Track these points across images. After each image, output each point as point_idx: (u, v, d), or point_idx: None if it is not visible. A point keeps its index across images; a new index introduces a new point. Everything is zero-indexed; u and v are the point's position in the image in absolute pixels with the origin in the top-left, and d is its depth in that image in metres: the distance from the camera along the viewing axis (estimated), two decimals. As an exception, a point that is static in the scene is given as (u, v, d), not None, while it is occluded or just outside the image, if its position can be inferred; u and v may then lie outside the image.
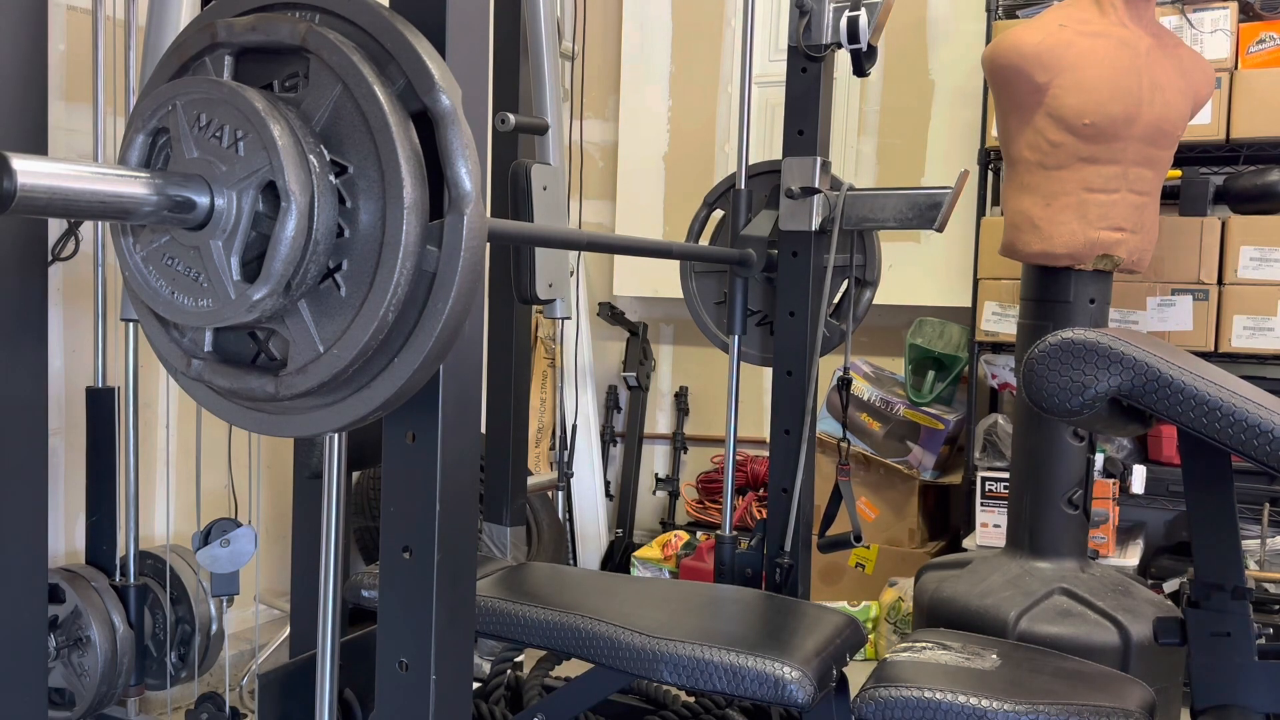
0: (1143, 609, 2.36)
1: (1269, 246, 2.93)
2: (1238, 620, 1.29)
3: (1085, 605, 2.36)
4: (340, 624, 1.28)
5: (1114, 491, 2.92)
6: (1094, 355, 1.22)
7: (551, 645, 1.59)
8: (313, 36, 0.92)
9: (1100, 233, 2.41)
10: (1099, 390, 1.22)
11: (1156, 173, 2.48)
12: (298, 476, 1.77)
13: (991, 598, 2.42)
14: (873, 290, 2.32)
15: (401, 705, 1.09)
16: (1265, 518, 2.85)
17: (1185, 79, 2.47)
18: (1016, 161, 2.49)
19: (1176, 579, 3.02)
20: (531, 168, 1.78)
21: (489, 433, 2.16)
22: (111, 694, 2.25)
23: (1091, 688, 1.40)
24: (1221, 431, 1.19)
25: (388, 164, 0.90)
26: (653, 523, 4.28)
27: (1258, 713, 1.27)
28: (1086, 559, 2.56)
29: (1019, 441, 2.61)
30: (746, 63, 2.33)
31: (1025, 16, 3.18)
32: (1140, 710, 1.36)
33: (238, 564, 2.03)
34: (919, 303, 3.67)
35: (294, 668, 1.65)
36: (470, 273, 0.92)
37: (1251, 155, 3.11)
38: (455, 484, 1.07)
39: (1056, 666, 1.49)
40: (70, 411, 2.62)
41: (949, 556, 2.81)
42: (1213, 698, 1.28)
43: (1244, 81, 3.00)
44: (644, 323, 4.28)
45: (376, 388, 0.96)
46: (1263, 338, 2.94)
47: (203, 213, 0.91)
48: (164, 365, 1.04)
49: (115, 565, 2.29)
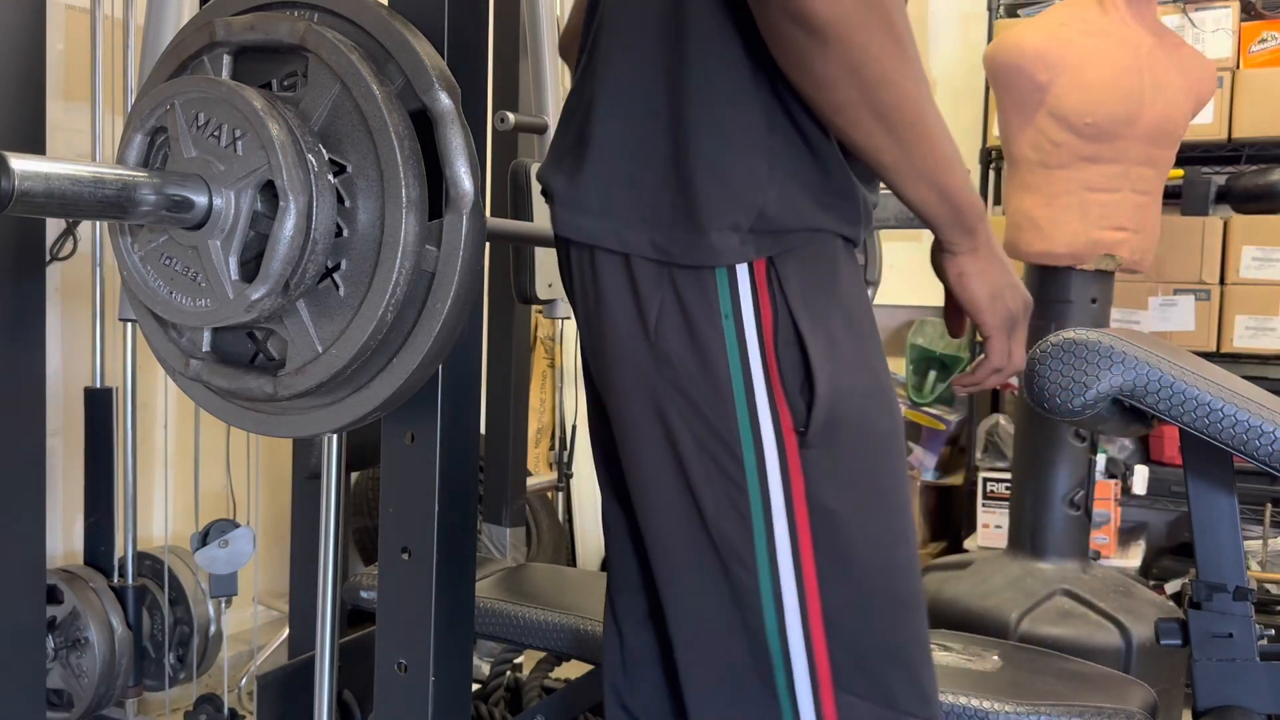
0: (1144, 610, 2.36)
1: (1271, 246, 2.93)
2: (1239, 621, 1.28)
3: (1087, 606, 2.36)
4: (339, 625, 1.28)
5: (1116, 492, 2.92)
6: (1095, 356, 1.22)
7: (551, 646, 1.59)
8: (311, 35, 0.92)
9: (1102, 232, 2.41)
10: (1100, 391, 1.22)
11: (1158, 172, 2.48)
12: (296, 477, 1.77)
13: (993, 599, 2.42)
14: (873, 290, 2.31)
15: (400, 707, 1.08)
16: (1267, 518, 2.85)
17: (1187, 78, 2.46)
18: (1018, 161, 2.48)
19: (1178, 580, 3.02)
20: (531, 167, 1.77)
21: (489, 433, 2.16)
22: (110, 695, 2.24)
23: (1093, 689, 1.40)
24: (1223, 433, 1.19)
25: (386, 163, 0.90)
26: (653, 523, 4.27)
27: (1260, 714, 1.27)
28: (1088, 560, 2.56)
29: (1020, 442, 2.61)
30: (747, 62, 2.33)
31: (1027, 16, 3.17)
32: (1142, 711, 1.35)
33: (236, 565, 2.03)
34: (920, 303, 3.67)
35: (293, 669, 1.65)
36: (469, 272, 0.92)
37: (1253, 155, 3.10)
38: (454, 484, 1.06)
39: (1058, 668, 1.49)
40: (68, 412, 2.62)
41: (950, 557, 2.80)
42: (1214, 699, 1.28)
43: (1246, 81, 3.00)
44: (644, 323, 4.28)
45: (375, 388, 0.95)
46: (1265, 338, 2.94)
47: (201, 212, 0.91)
48: (162, 365, 1.04)
49: (114, 566, 2.29)
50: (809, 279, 0.94)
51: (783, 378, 0.92)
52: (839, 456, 0.94)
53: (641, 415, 0.97)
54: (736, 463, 0.93)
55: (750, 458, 0.93)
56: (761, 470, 0.93)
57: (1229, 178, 3.07)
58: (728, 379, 0.93)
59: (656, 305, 0.94)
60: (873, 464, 0.96)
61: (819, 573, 0.93)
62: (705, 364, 0.93)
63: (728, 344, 0.92)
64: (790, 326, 0.92)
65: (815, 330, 0.92)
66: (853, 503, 0.94)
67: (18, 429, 1.69)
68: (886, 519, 0.97)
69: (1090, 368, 1.22)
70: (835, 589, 0.93)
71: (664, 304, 0.94)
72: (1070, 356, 1.23)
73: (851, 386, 0.94)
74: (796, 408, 0.93)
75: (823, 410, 0.92)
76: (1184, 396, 1.19)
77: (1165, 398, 1.20)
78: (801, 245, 0.94)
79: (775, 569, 0.93)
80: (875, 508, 0.96)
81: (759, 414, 0.93)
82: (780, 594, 0.93)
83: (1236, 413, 1.18)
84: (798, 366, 0.92)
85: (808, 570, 0.93)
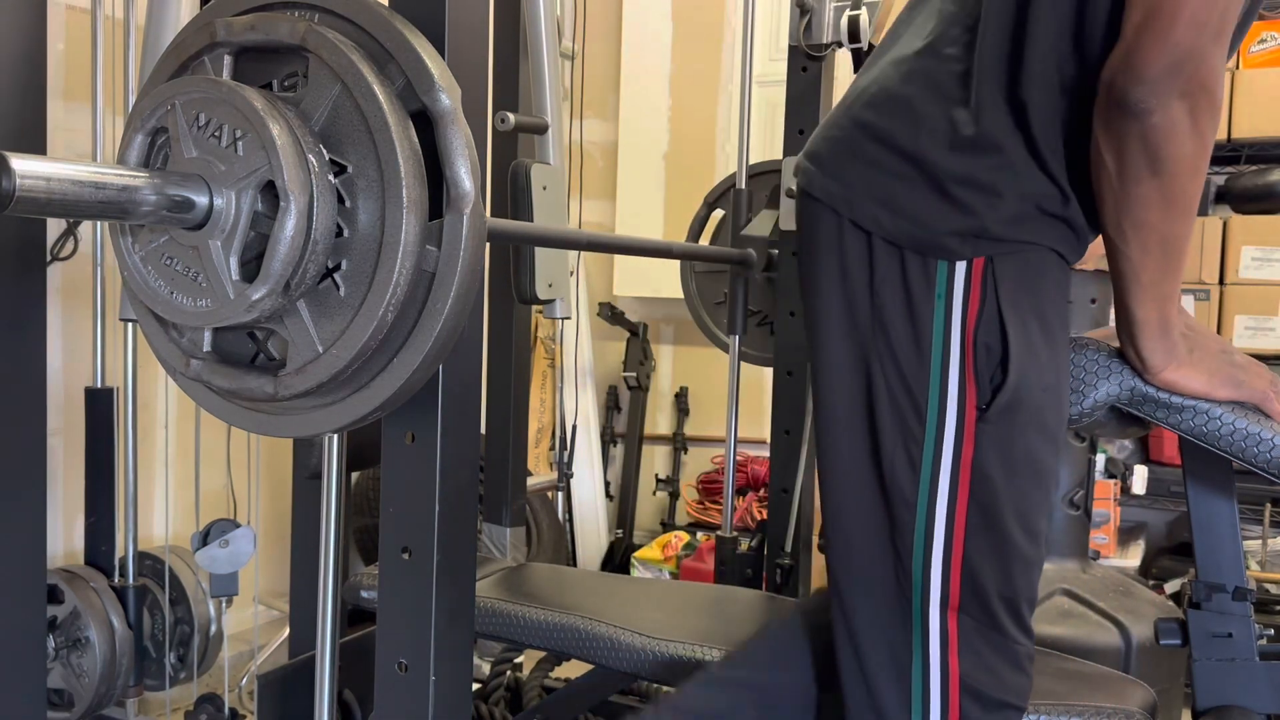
0: (1144, 610, 2.36)
1: (1270, 246, 2.93)
2: (1239, 621, 1.28)
3: (1086, 606, 2.36)
4: (339, 625, 1.28)
5: (1115, 492, 2.92)
6: (1093, 365, 1.22)
7: (551, 646, 1.59)
8: (312, 36, 0.92)
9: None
10: (1098, 400, 1.22)
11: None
12: (297, 477, 1.77)
13: (992, 598, 2.42)
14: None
15: (401, 706, 1.08)
16: (1266, 518, 2.85)
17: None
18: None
19: (1178, 580, 3.02)
20: (531, 167, 1.77)
21: (489, 433, 2.16)
22: (110, 695, 2.24)
23: (1093, 689, 1.40)
24: (1221, 440, 1.19)
25: (387, 163, 0.90)
26: (653, 523, 4.28)
27: (1259, 713, 1.27)
28: (1088, 560, 2.56)
29: (1020, 442, 2.60)
30: (746, 63, 2.33)
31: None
32: (1142, 711, 1.35)
33: (237, 565, 2.03)
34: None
35: (293, 669, 1.65)
36: (470, 272, 0.92)
37: (1253, 155, 3.10)
38: (455, 484, 1.07)
39: (1057, 667, 1.49)
40: (69, 412, 2.62)
41: (949, 557, 2.80)
42: (1214, 698, 1.28)
43: (1245, 81, 3.00)
44: (644, 323, 4.28)
45: (376, 388, 0.96)
46: (1264, 338, 2.94)
47: (201, 212, 0.91)
48: (163, 365, 1.04)
49: (114, 566, 2.29)
50: (1020, 280, 1.09)
51: (976, 360, 1.08)
52: (1009, 435, 1.09)
53: (849, 358, 1.14)
54: (920, 421, 1.10)
55: (933, 419, 1.10)
56: (940, 432, 1.10)
57: (1228, 178, 3.05)
58: (929, 350, 1.09)
59: (882, 273, 1.11)
60: (1036, 447, 1.11)
61: (968, 523, 1.11)
62: (915, 332, 1.10)
63: (936, 321, 1.09)
64: (996, 317, 1.08)
65: (1016, 325, 1.08)
66: (1010, 474, 1.10)
67: (18, 429, 1.69)
68: (1035, 494, 1.13)
69: (1087, 376, 1.22)
70: (977, 538, 1.11)
71: (889, 273, 1.11)
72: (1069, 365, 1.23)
73: (1036, 380, 1.09)
74: (983, 387, 1.08)
75: (1008, 395, 1.08)
76: (1181, 404, 1.19)
77: (1162, 404, 1.20)
78: (1019, 251, 1.09)
79: (932, 514, 1.11)
80: (1028, 483, 1.12)
81: (949, 385, 1.09)
82: (932, 533, 1.11)
83: (1235, 420, 1.18)
84: (994, 353, 1.08)
85: (959, 520, 1.11)
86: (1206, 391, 1.17)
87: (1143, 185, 1.03)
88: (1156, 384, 1.17)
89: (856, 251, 1.12)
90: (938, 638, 1.13)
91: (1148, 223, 1.05)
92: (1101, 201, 1.08)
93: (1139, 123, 1.00)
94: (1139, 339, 1.15)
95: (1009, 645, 1.14)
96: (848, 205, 1.13)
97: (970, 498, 1.10)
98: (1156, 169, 1.01)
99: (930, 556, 1.12)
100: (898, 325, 1.10)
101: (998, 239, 1.08)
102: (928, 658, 1.14)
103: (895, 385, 1.11)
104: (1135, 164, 1.03)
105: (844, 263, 1.14)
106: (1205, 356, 1.18)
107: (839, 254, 1.14)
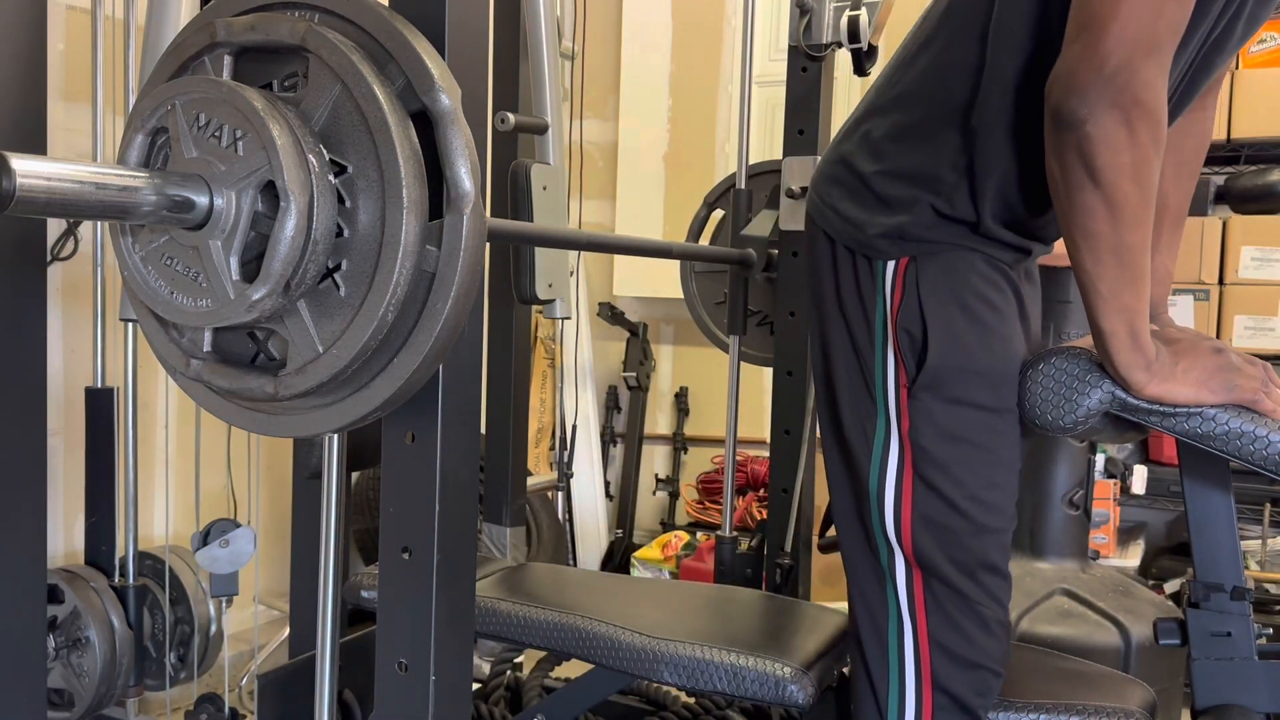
0: (1143, 609, 2.36)
1: (1270, 246, 2.93)
2: (1238, 620, 1.28)
3: (1086, 606, 2.36)
4: (339, 625, 1.28)
5: (1115, 492, 2.92)
6: (1086, 373, 1.22)
7: (551, 646, 1.59)
8: (312, 36, 0.92)
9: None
10: (1091, 407, 1.22)
11: (1157, 173, 2.48)
12: (297, 477, 1.77)
13: (992, 598, 2.42)
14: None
15: (401, 706, 1.08)
16: (1266, 518, 2.85)
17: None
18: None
19: (1177, 579, 3.02)
20: (531, 167, 1.78)
21: (489, 433, 2.16)
22: (110, 694, 2.25)
23: (1092, 688, 1.40)
24: (1216, 440, 1.19)
25: (387, 164, 0.90)
26: (653, 523, 4.28)
27: (1258, 713, 1.27)
28: (1087, 559, 2.56)
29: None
30: (746, 63, 2.33)
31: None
32: (1141, 711, 1.35)
33: (237, 564, 2.03)
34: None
35: (293, 668, 1.65)
36: (470, 273, 0.92)
37: (1252, 155, 3.11)
38: (455, 484, 1.07)
39: (1057, 667, 1.49)
40: (69, 412, 2.62)
41: (949, 557, 2.80)
42: (1213, 698, 1.28)
43: (1245, 81, 3.00)
44: (644, 323, 4.28)
45: (376, 388, 0.96)
46: (1264, 338, 2.94)
47: (202, 212, 0.91)
48: (163, 365, 1.04)
49: (114, 566, 2.29)
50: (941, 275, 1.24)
51: (900, 343, 1.25)
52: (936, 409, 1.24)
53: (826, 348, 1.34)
54: (871, 398, 1.29)
55: (880, 397, 1.28)
56: (885, 406, 1.27)
57: (1228, 178, 3.07)
58: (875, 337, 1.28)
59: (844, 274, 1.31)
60: (967, 419, 1.24)
61: (914, 491, 1.26)
62: (867, 321, 1.28)
63: (878, 312, 1.27)
64: (916, 307, 1.23)
65: (935, 313, 1.22)
66: (944, 444, 1.24)
67: (18, 429, 1.69)
68: (977, 465, 1.25)
69: (1081, 385, 1.22)
70: (922, 504, 1.25)
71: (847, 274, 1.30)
72: (1060, 374, 1.23)
73: (959, 361, 1.23)
74: (909, 367, 1.25)
75: (928, 374, 1.23)
76: (1173, 409, 1.19)
77: (1154, 411, 1.20)
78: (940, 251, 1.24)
79: (883, 476, 1.27)
80: (967, 453, 1.25)
81: (888, 366, 1.27)
82: (883, 499, 1.27)
83: (1229, 420, 1.18)
84: (916, 338, 1.24)
85: (906, 488, 1.26)
86: (1195, 400, 1.18)
87: (1085, 194, 1.09)
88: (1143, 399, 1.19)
89: (827, 257, 1.33)
90: (905, 595, 1.28)
91: (1096, 232, 1.10)
92: (1057, 213, 1.15)
93: (1074, 133, 1.07)
94: (1111, 353, 1.16)
95: (973, 607, 1.26)
96: (822, 218, 1.34)
97: (914, 468, 1.25)
98: (1096, 179, 1.07)
99: (884, 520, 1.27)
100: (855, 317, 1.30)
101: (918, 240, 1.24)
102: (900, 616, 1.28)
103: (853, 370, 1.30)
104: (1075, 174, 1.09)
105: (818, 267, 1.34)
106: (1193, 366, 1.18)
107: (814, 259, 1.35)
